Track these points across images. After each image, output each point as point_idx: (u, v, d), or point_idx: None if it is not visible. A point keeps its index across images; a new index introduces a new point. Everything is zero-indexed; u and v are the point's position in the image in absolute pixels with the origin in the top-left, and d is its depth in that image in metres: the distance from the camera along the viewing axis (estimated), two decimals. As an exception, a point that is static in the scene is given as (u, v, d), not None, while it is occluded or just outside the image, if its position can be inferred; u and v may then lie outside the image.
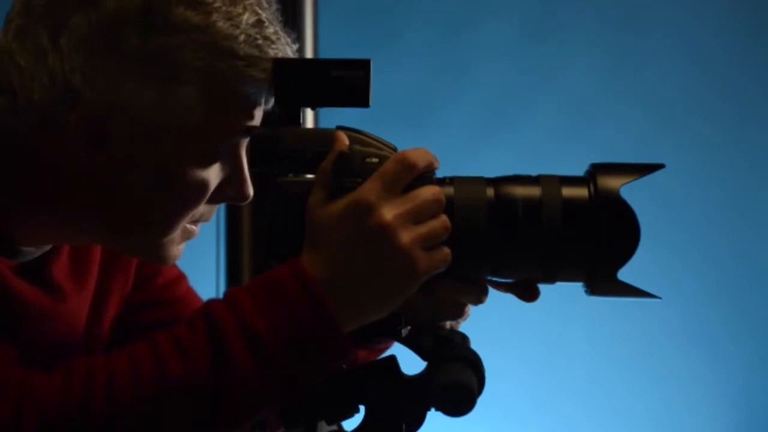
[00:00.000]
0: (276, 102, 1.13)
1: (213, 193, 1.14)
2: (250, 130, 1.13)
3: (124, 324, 1.30)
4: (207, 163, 1.12)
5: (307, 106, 1.15)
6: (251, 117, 1.13)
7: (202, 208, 1.15)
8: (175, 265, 1.36)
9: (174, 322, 1.31)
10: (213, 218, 1.20)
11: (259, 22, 1.11)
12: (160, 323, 1.32)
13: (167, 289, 1.35)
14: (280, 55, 1.13)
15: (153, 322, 1.32)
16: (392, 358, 1.15)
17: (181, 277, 1.37)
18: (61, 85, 1.08)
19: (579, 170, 1.14)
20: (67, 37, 1.08)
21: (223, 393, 1.04)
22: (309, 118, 2.08)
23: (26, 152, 1.12)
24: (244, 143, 1.15)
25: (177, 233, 1.15)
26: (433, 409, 1.12)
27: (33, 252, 1.17)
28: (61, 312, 1.19)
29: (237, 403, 1.05)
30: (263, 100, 1.14)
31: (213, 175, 1.13)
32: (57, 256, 1.19)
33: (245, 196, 1.17)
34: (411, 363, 1.14)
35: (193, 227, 1.17)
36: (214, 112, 1.10)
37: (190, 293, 1.38)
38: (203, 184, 1.12)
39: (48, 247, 1.18)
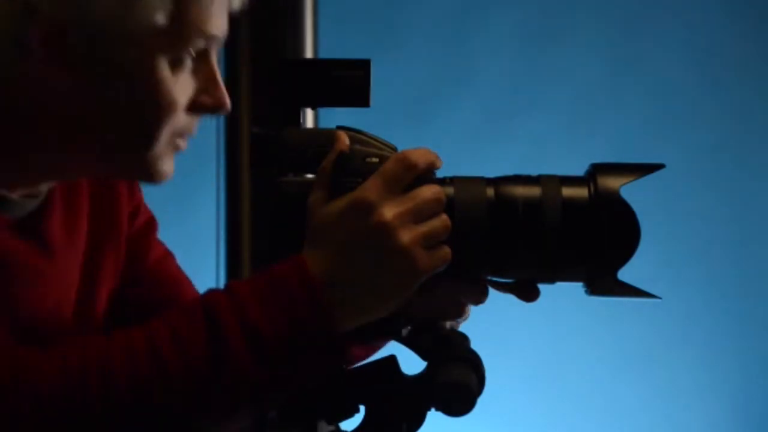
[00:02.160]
0: (276, 102, 1.13)
1: (190, 103, 1.13)
2: (216, 34, 1.11)
3: (116, 300, 1.29)
4: (176, 67, 1.10)
5: (307, 106, 1.15)
6: (217, 17, 1.11)
7: (182, 119, 1.13)
8: (163, 244, 1.35)
9: (163, 301, 1.31)
10: (213, 218, 1.20)
11: None
12: (148, 302, 1.32)
13: (157, 267, 1.34)
14: None
15: (140, 300, 1.31)
16: (392, 358, 1.15)
17: (169, 256, 1.36)
18: (20, 4, 1.05)
19: (579, 170, 1.14)
20: None
21: (219, 384, 1.04)
22: (309, 118, 2.08)
23: None
24: (215, 50, 1.13)
25: (162, 146, 1.13)
26: (433, 409, 1.12)
27: (22, 204, 1.15)
28: (53, 270, 1.18)
29: (232, 394, 1.05)
30: (228, 2, 1.12)
31: (185, 83, 1.11)
32: (50, 211, 1.18)
33: (222, 104, 1.14)
34: (411, 363, 1.14)
35: (181, 141, 1.15)
36: (179, 14, 1.08)
37: (179, 273, 1.37)
38: (175, 91, 1.10)
39: (39, 199, 1.16)
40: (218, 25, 1.12)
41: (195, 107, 1.13)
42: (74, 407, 1.03)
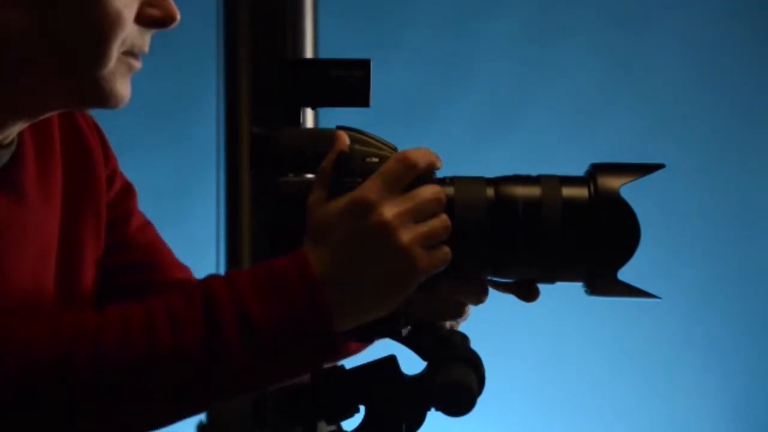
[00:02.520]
0: (276, 102, 1.13)
1: (137, 18, 1.13)
2: None
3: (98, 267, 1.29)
4: None
5: (307, 106, 1.15)
6: None
7: (131, 34, 1.13)
8: (141, 212, 1.35)
9: (144, 267, 1.31)
10: (213, 218, 1.20)
11: None
12: (131, 267, 1.32)
13: (138, 233, 1.34)
14: None
15: (123, 265, 1.31)
16: (392, 358, 1.15)
17: (148, 224, 1.36)
18: None
19: (579, 170, 1.14)
20: None
21: (211, 369, 1.04)
22: (309, 118, 2.08)
23: None
24: None
25: (114, 64, 1.12)
26: (433, 409, 1.12)
27: None
28: (30, 222, 1.17)
29: (224, 380, 1.05)
30: None
31: None
32: (23, 162, 1.17)
33: (170, 15, 1.14)
34: (411, 363, 1.14)
35: (134, 60, 1.15)
36: None
37: (159, 240, 1.37)
38: (119, 2, 1.10)
39: (12, 149, 1.16)
40: None
41: (143, 20, 1.13)
42: (62, 374, 1.03)
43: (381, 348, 1.23)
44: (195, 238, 2.86)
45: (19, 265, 1.15)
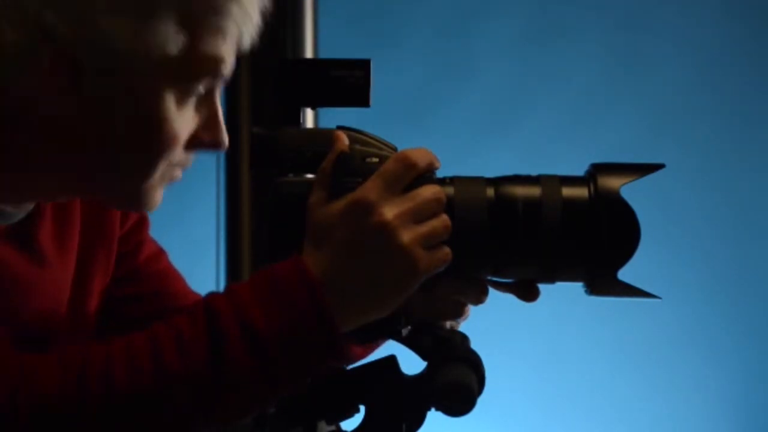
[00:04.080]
0: (276, 102, 1.13)
1: (189, 139, 1.12)
2: (224, 71, 1.11)
3: (108, 296, 1.29)
4: (181, 102, 1.10)
5: (307, 106, 1.15)
6: (227, 55, 1.11)
7: (180, 153, 1.12)
8: (154, 241, 1.35)
9: (156, 294, 1.31)
10: (213, 219, 1.20)
11: None
12: (143, 295, 1.32)
13: (149, 263, 1.34)
14: None
15: (136, 294, 1.31)
16: (392, 358, 1.15)
17: (161, 252, 1.36)
18: (33, 24, 1.05)
19: (579, 170, 1.14)
20: None
21: (220, 386, 1.04)
22: (309, 118, 2.08)
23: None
24: (219, 88, 1.13)
25: (157, 177, 1.12)
26: (433, 409, 1.12)
27: (13, 213, 1.15)
28: (45, 279, 1.18)
29: (234, 396, 1.05)
30: (240, 36, 1.12)
31: (188, 117, 1.11)
32: (41, 219, 1.17)
33: (220, 143, 1.14)
34: (411, 363, 1.14)
35: (175, 172, 1.15)
36: (189, 49, 1.08)
37: (171, 267, 1.37)
38: (178, 125, 1.10)
39: (30, 209, 1.16)
40: (227, 64, 1.11)
41: (194, 143, 1.13)
42: (74, 411, 1.03)
43: (381, 348, 1.24)
44: (195, 239, 2.86)
45: (32, 317, 1.16)
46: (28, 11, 1.05)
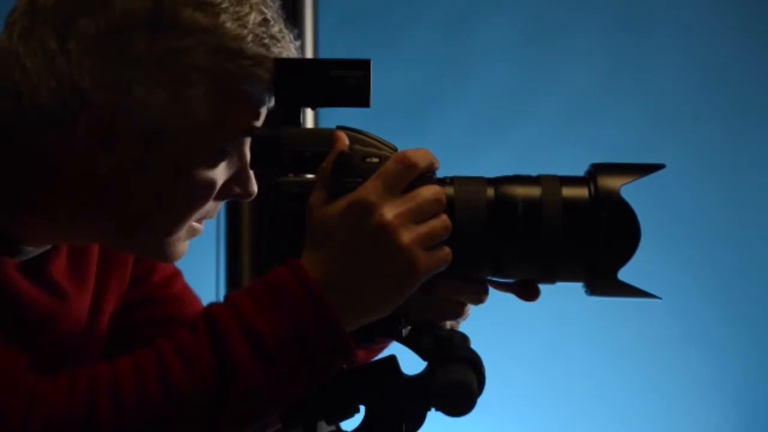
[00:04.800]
0: (276, 102, 1.14)
1: (219, 190, 1.15)
2: (256, 129, 1.14)
3: (120, 321, 1.30)
4: (214, 163, 1.13)
5: (307, 106, 1.15)
6: (257, 115, 1.14)
7: (208, 205, 1.15)
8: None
9: (170, 318, 1.33)
10: (213, 219, 1.21)
11: (265, 21, 1.12)
12: (157, 320, 1.33)
13: (163, 285, 1.35)
14: (285, 53, 1.13)
15: (149, 318, 1.32)
16: (392, 358, 1.14)
17: (176, 274, 1.37)
18: (69, 88, 1.08)
19: (579, 170, 1.14)
20: (76, 40, 1.08)
21: (228, 397, 1.04)
22: (309, 118, 2.08)
23: (31, 153, 1.12)
24: (249, 141, 1.16)
25: (183, 231, 1.15)
26: (433, 409, 1.12)
27: (33, 251, 1.17)
28: (63, 313, 1.19)
29: (242, 406, 1.05)
30: (268, 99, 1.15)
31: (220, 173, 1.14)
32: (56, 255, 1.19)
33: (250, 193, 1.18)
34: (411, 363, 1.14)
35: (198, 225, 1.18)
36: (222, 113, 1.11)
37: (186, 290, 1.38)
38: (211, 183, 1.13)
39: (47, 246, 1.18)
40: (258, 123, 1.14)
41: (223, 194, 1.16)
42: (84, 428, 1.03)
43: (383, 350, 1.24)
44: (195, 239, 2.85)
45: (49, 347, 1.17)
46: (64, 77, 1.08)
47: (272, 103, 1.15)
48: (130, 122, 1.09)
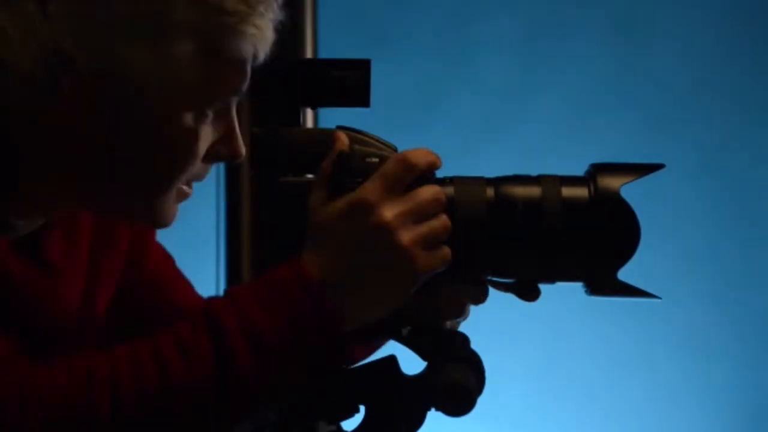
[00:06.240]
0: (276, 102, 1.13)
1: (206, 152, 1.13)
2: (241, 89, 1.12)
3: (117, 304, 1.29)
4: (200, 122, 1.11)
5: (307, 106, 1.15)
6: (243, 74, 1.12)
7: (196, 167, 1.14)
8: (162, 246, 1.36)
9: (162, 303, 1.32)
10: (213, 219, 1.20)
11: None
12: (149, 304, 1.32)
13: (156, 269, 1.34)
14: (267, 10, 1.12)
15: (141, 302, 1.32)
16: (392, 358, 1.15)
17: (168, 258, 1.37)
18: (52, 52, 1.06)
19: (579, 170, 1.14)
20: (55, 3, 1.06)
21: (226, 392, 1.04)
22: (309, 118, 2.08)
23: (17, 121, 1.10)
24: (235, 102, 1.15)
25: (173, 193, 1.14)
26: (433, 409, 1.12)
27: (24, 227, 1.15)
28: (55, 290, 1.18)
29: (238, 400, 1.05)
30: (253, 57, 1.13)
31: (206, 134, 1.12)
32: (49, 232, 1.18)
33: (238, 154, 1.16)
34: (411, 363, 1.14)
35: (187, 189, 1.16)
36: (207, 70, 1.09)
37: (178, 274, 1.38)
38: (197, 143, 1.11)
39: (39, 223, 1.17)
40: (244, 82, 1.13)
41: (211, 155, 1.15)
42: (82, 421, 1.03)
43: (381, 348, 1.24)
44: (195, 239, 2.85)
45: (42, 327, 1.16)
46: (46, 41, 1.06)
47: (261, 59, 1.13)
48: (114, 82, 1.07)
